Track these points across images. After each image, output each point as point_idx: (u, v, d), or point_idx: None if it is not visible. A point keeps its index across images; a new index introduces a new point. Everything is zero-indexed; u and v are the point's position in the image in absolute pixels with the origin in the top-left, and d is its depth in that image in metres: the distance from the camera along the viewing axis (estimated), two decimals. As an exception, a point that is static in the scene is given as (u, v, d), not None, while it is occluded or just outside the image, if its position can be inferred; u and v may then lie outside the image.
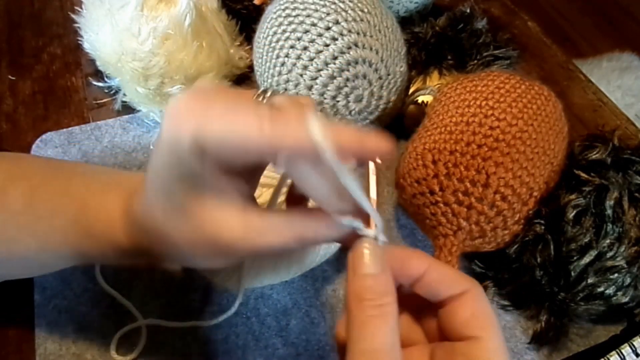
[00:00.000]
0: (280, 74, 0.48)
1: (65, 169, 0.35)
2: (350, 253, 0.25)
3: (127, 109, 0.57)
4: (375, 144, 0.23)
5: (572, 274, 0.40)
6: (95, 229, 0.30)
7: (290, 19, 0.47)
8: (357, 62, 0.46)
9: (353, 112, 0.48)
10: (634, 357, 0.40)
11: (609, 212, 0.40)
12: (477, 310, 0.24)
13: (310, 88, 0.47)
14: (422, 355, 0.25)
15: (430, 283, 0.25)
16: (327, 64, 0.46)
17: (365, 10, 0.48)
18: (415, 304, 0.27)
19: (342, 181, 0.22)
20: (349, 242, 0.25)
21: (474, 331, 0.23)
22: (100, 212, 0.31)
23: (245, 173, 0.26)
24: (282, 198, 0.36)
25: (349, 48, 0.46)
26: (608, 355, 0.41)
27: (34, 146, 0.54)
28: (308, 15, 0.47)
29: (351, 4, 0.47)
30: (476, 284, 0.25)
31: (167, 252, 0.28)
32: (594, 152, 0.44)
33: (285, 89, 0.48)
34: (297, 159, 0.23)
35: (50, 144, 0.54)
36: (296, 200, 0.30)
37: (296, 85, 0.47)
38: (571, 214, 0.40)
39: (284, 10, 0.48)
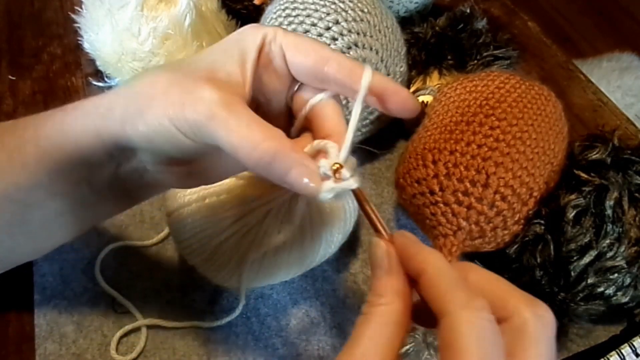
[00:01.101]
0: (280, 74, 0.48)
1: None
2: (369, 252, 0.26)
3: (127, 109, 0.57)
4: (408, 95, 0.29)
5: (572, 274, 0.40)
6: (49, 129, 0.30)
7: (290, 19, 0.47)
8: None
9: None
10: (634, 357, 0.40)
11: (609, 212, 0.40)
12: (451, 343, 0.20)
13: (310, 88, 0.47)
14: None
15: (422, 291, 0.23)
16: (327, 64, 0.46)
17: (365, 10, 0.48)
18: None
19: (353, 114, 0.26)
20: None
21: None
22: (57, 114, 0.30)
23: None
24: None
25: (349, 48, 0.46)
26: (608, 355, 0.41)
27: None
28: (308, 15, 0.47)
29: (351, 4, 0.47)
30: (464, 308, 0.21)
31: (138, 125, 0.27)
32: (594, 152, 0.44)
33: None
34: (339, 86, 0.28)
35: (50, 144, 0.54)
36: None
37: (296, 85, 0.47)
38: (571, 214, 0.40)
39: (284, 10, 0.48)
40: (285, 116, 0.31)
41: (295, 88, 0.30)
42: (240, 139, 0.25)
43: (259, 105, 0.30)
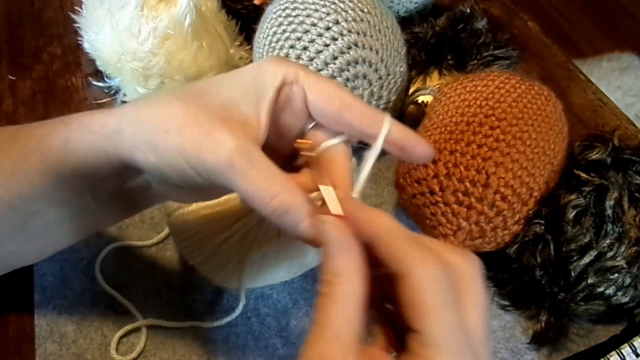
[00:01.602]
0: (280, 74, 0.48)
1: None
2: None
3: (127, 109, 0.57)
4: (426, 147, 0.29)
5: (572, 274, 0.40)
6: (50, 142, 0.30)
7: (290, 19, 0.47)
8: (357, 62, 0.46)
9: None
10: (634, 357, 0.40)
11: (609, 212, 0.40)
12: (414, 300, 0.21)
13: (310, 88, 0.47)
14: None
15: (378, 254, 0.23)
16: (327, 64, 0.46)
17: (365, 10, 0.48)
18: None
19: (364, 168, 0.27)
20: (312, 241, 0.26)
21: (414, 324, 0.21)
22: (60, 128, 0.30)
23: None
24: None
25: (349, 48, 0.46)
26: (608, 355, 0.41)
27: (34, 146, 0.54)
28: (308, 15, 0.47)
29: (351, 4, 0.47)
30: (422, 263, 0.22)
31: (146, 152, 0.27)
32: (594, 152, 0.44)
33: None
34: (357, 131, 0.28)
35: (50, 144, 0.54)
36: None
37: (296, 85, 0.47)
38: (571, 214, 0.40)
39: (284, 10, 0.48)
40: (291, 147, 0.31)
41: (310, 126, 0.30)
42: (257, 190, 0.25)
43: (268, 137, 0.29)
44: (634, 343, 0.41)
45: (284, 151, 0.31)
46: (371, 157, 0.27)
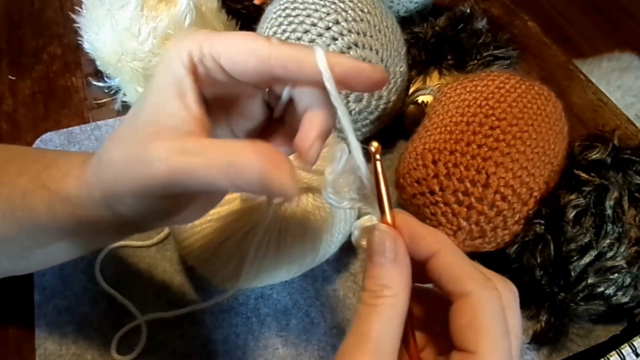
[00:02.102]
0: (280, 74, 0.48)
1: (38, 150, 0.35)
2: (368, 237, 0.24)
3: (127, 109, 0.57)
4: (372, 70, 0.25)
5: (572, 274, 0.40)
6: (52, 181, 0.29)
7: (290, 19, 0.47)
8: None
9: (353, 112, 0.48)
10: (634, 357, 0.40)
11: (609, 212, 0.40)
12: (474, 321, 0.21)
13: (310, 88, 0.47)
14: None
15: (435, 270, 0.23)
16: (327, 64, 0.46)
17: (365, 10, 0.48)
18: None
19: (337, 108, 0.24)
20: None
21: (468, 344, 0.21)
22: (62, 166, 0.30)
23: (222, 108, 0.27)
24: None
25: (349, 48, 0.46)
26: (608, 355, 0.41)
27: (34, 146, 0.54)
28: (308, 15, 0.47)
29: (351, 4, 0.47)
30: (484, 287, 0.22)
31: (106, 189, 0.26)
32: (594, 152, 0.44)
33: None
34: (296, 77, 0.25)
35: (50, 144, 0.54)
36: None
37: (296, 85, 0.47)
38: (571, 214, 0.40)
39: (284, 10, 0.48)
40: (266, 119, 0.29)
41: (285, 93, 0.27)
42: (217, 171, 0.22)
43: (237, 115, 0.28)
44: (634, 343, 0.41)
45: (258, 113, 0.28)
46: (334, 100, 0.24)
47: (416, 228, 0.24)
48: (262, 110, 0.28)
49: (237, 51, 0.24)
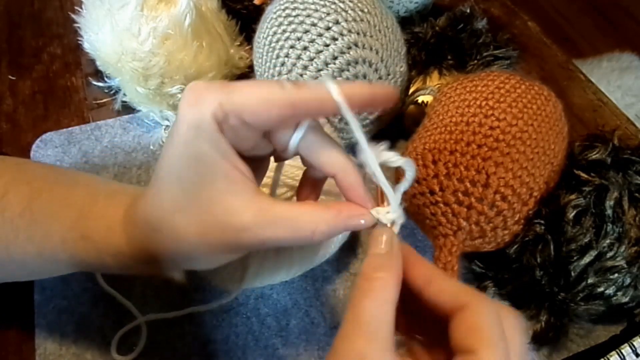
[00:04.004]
0: (280, 74, 0.48)
1: (68, 176, 0.35)
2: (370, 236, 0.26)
3: (127, 109, 0.57)
4: (384, 91, 0.27)
5: (572, 274, 0.40)
6: (95, 234, 0.30)
7: (290, 19, 0.47)
8: (357, 62, 0.46)
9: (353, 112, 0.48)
10: (634, 357, 0.40)
11: (609, 212, 0.40)
12: (474, 324, 0.23)
13: (310, 88, 0.47)
14: None
15: (432, 296, 0.24)
16: (327, 64, 0.46)
17: (365, 10, 0.48)
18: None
19: (356, 136, 0.25)
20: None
21: (468, 345, 0.22)
22: (101, 218, 0.30)
23: (254, 162, 0.28)
24: (283, 191, 0.37)
25: (349, 48, 0.46)
26: (608, 355, 0.41)
27: (34, 146, 0.54)
28: (308, 15, 0.47)
29: (351, 4, 0.47)
30: (478, 298, 0.24)
31: (171, 252, 0.28)
32: (594, 152, 0.44)
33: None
34: (317, 115, 0.27)
35: (50, 144, 0.54)
36: (306, 196, 0.31)
37: (296, 85, 0.47)
38: (571, 214, 0.40)
39: (284, 10, 0.48)
40: (271, 151, 0.30)
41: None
42: (295, 238, 0.26)
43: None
44: (634, 343, 0.41)
45: (259, 156, 0.30)
46: (353, 126, 0.25)
47: (413, 256, 0.26)
48: (271, 149, 0.30)
49: (259, 104, 0.25)
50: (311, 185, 0.31)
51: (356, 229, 0.26)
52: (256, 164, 0.29)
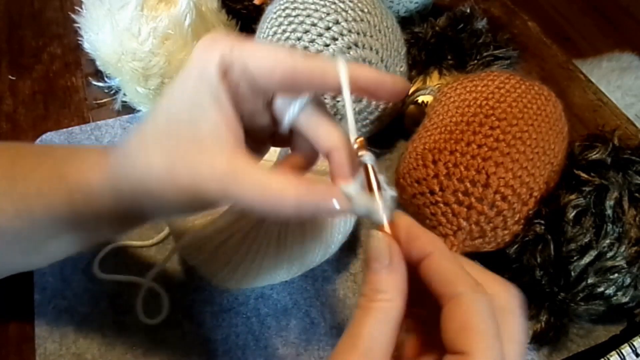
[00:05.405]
0: (280, 74, 0.48)
1: (47, 146, 0.35)
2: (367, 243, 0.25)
3: (127, 109, 0.57)
4: (393, 81, 0.26)
5: (572, 274, 0.40)
6: (69, 174, 0.30)
7: (290, 19, 0.47)
8: (357, 62, 0.46)
9: (353, 112, 0.48)
10: (634, 357, 0.40)
11: (609, 212, 0.40)
12: (465, 323, 0.21)
13: (310, 88, 0.47)
14: None
15: (427, 272, 0.23)
16: (327, 64, 0.46)
17: (365, 10, 0.48)
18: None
19: (347, 115, 0.25)
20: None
21: (460, 346, 0.21)
22: (77, 160, 0.30)
23: (253, 142, 0.28)
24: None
25: (349, 48, 0.46)
26: (608, 355, 0.41)
27: (34, 146, 0.54)
28: (308, 15, 0.47)
29: (351, 4, 0.47)
30: (474, 290, 0.22)
31: (141, 187, 0.27)
32: (594, 152, 0.44)
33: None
34: (318, 88, 0.26)
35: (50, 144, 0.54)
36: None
37: (296, 85, 0.47)
38: (571, 214, 0.40)
39: (284, 10, 0.48)
40: (271, 126, 0.30)
41: (273, 98, 0.28)
42: (265, 204, 0.24)
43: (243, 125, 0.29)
44: (634, 343, 0.41)
45: (265, 133, 0.30)
46: (347, 103, 0.25)
47: (413, 229, 0.24)
48: (270, 123, 0.29)
49: (266, 59, 0.25)
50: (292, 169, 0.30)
51: (329, 211, 0.25)
52: (255, 144, 0.29)
